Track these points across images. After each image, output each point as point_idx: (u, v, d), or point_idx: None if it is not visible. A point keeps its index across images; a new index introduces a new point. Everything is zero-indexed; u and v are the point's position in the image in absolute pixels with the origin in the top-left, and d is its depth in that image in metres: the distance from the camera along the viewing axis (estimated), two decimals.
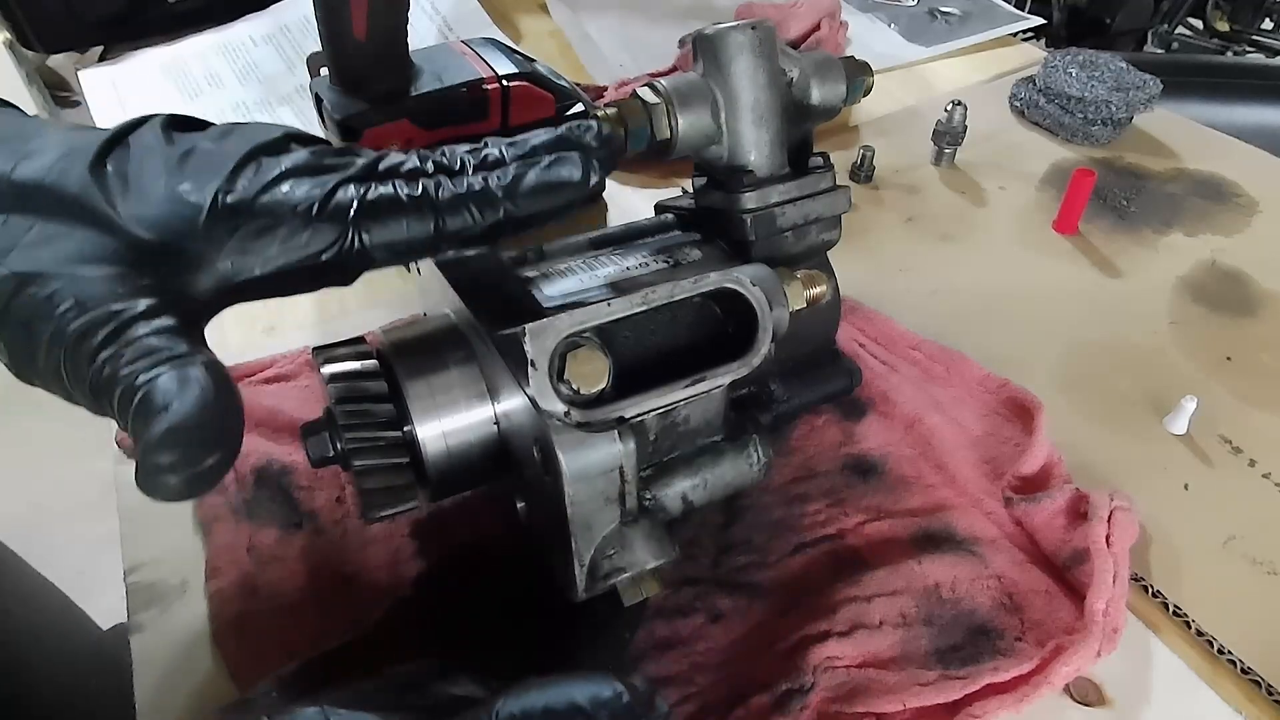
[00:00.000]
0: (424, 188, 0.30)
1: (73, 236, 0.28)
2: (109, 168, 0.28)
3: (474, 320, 0.35)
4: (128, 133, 0.30)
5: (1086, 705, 0.38)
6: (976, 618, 0.39)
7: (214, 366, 0.27)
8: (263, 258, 0.29)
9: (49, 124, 0.31)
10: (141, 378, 0.26)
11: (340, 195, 0.29)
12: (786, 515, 0.44)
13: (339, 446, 0.35)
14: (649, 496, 0.36)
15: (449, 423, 0.35)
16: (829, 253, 0.44)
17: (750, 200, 0.40)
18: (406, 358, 0.36)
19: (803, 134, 0.43)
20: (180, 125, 0.31)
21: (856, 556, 0.43)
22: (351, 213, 0.29)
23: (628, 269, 0.40)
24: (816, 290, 0.37)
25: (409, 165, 0.31)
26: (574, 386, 0.31)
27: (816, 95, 0.42)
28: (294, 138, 0.31)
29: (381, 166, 0.31)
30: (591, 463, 0.31)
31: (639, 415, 0.32)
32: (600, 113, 0.39)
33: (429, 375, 0.36)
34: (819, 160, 0.42)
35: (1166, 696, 0.38)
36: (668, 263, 0.40)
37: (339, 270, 0.30)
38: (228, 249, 0.29)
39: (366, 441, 0.34)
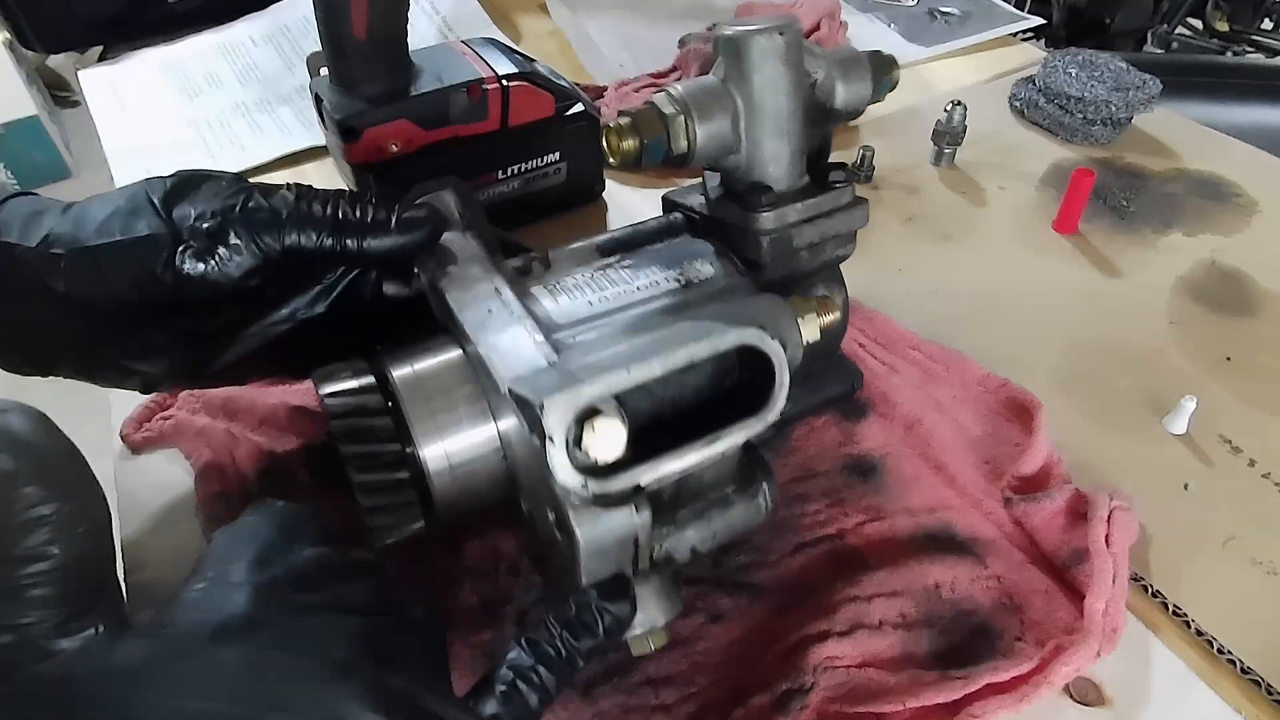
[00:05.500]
0: None
1: None
2: None
3: (479, 353, 0.34)
4: None
5: (1086, 705, 0.38)
6: (976, 618, 0.39)
7: None
8: None
9: None
10: None
11: None
12: (786, 515, 0.44)
13: (340, 467, 0.34)
14: (659, 552, 0.35)
15: (452, 443, 0.35)
16: None
17: (768, 221, 0.38)
18: (407, 378, 0.35)
19: (822, 136, 0.41)
20: None
21: (856, 556, 0.43)
22: None
23: (638, 290, 0.38)
24: (830, 318, 0.37)
25: None
26: (591, 456, 0.29)
27: (841, 97, 0.39)
28: None
29: None
30: (607, 533, 0.31)
31: (655, 482, 0.31)
32: (613, 123, 0.37)
33: (430, 395, 0.35)
34: (840, 176, 0.40)
35: (1166, 696, 0.38)
36: (679, 281, 0.38)
37: None
38: None
39: (367, 461, 0.34)
